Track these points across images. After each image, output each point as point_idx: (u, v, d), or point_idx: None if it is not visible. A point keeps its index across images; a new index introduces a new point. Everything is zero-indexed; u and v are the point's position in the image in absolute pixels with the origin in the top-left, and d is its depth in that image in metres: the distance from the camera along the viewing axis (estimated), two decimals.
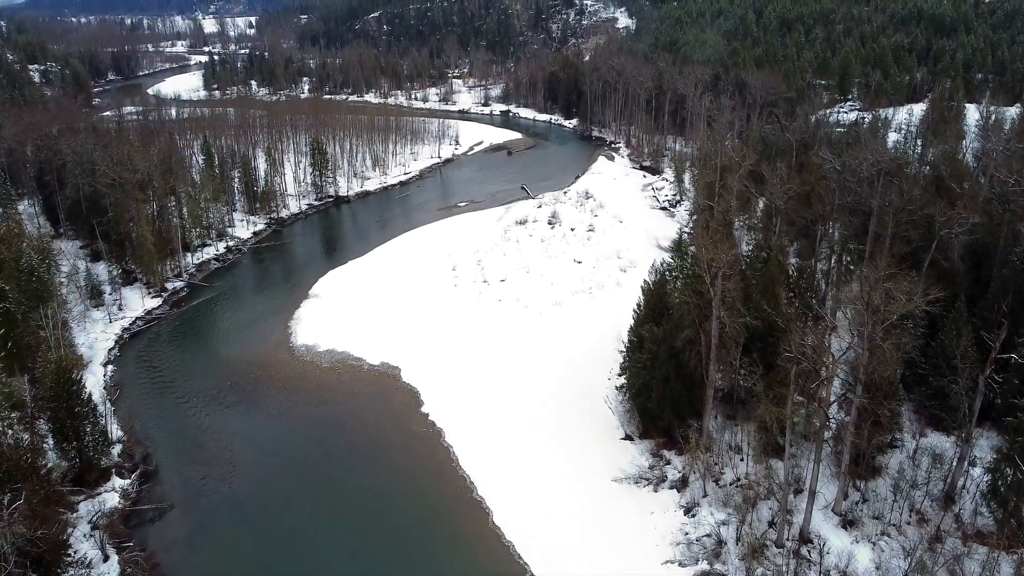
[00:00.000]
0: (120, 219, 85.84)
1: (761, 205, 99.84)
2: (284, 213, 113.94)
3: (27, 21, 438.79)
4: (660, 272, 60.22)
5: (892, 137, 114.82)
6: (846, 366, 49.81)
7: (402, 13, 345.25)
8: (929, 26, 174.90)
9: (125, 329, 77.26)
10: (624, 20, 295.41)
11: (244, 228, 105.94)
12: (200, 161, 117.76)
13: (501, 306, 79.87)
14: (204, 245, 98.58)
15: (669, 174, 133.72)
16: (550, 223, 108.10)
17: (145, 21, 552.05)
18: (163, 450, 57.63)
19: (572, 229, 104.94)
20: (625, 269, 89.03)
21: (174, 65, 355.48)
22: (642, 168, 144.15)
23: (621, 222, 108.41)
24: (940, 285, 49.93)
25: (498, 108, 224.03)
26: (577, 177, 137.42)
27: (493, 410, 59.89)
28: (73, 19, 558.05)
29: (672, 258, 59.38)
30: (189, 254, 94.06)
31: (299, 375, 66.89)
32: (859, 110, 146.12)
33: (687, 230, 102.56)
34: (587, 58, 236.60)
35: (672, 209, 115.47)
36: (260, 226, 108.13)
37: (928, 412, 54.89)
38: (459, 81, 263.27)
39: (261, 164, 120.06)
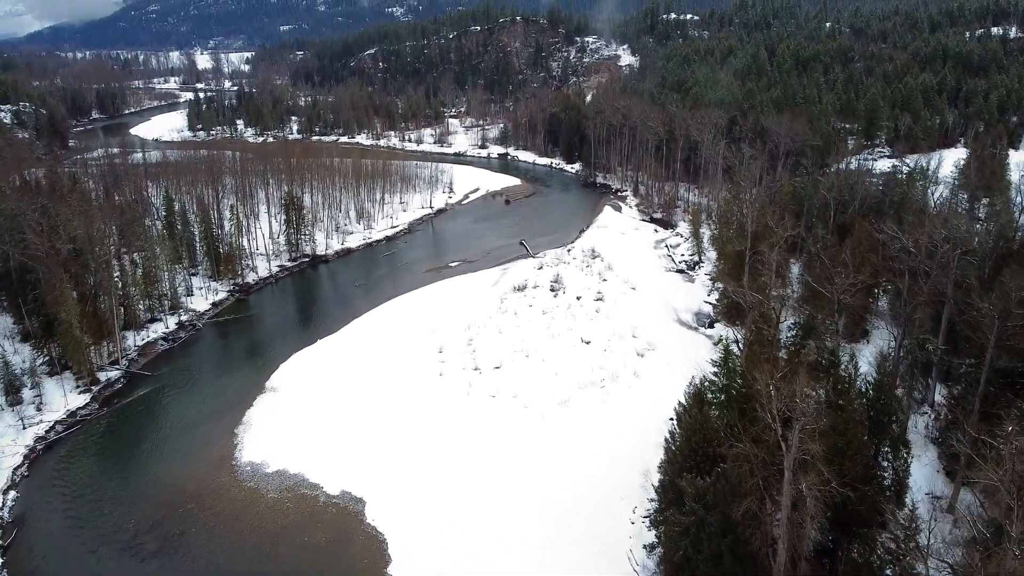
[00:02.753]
0: (47, 297, 72.52)
1: (796, 271, 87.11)
2: (251, 277, 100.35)
3: (17, 57, 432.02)
4: (698, 389, 46.76)
5: (938, 191, 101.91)
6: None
7: (398, 51, 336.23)
8: (957, 65, 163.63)
9: (40, 438, 63.39)
10: (627, 58, 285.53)
11: (203, 297, 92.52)
12: (162, 215, 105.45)
13: (495, 405, 66.09)
14: (153, 320, 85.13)
15: (684, 229, 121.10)
16: (552, 290, 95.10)
17: (141, 56, 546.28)
18: None
19: (578, 298, 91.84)
20: (642, 353, 75.51)
21: (162, 103, 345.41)
22: (653, 221, 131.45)
23: (634, 288, 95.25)
24: None
25: (496, 151, 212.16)
26: (582, 231, 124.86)
27: (480, 568, 45.96)
28: (68, 55, 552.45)
29: (716, 374, 45.66)
30: (133, 333, 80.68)
31: (238, 511, 52.87)
32: (889, 157, 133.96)
33: (711, 301, 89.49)
34: (589, 97, 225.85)
35: (691, 272, 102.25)
36: (222, 294, 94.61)
37: None
38: (455, 121, 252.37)
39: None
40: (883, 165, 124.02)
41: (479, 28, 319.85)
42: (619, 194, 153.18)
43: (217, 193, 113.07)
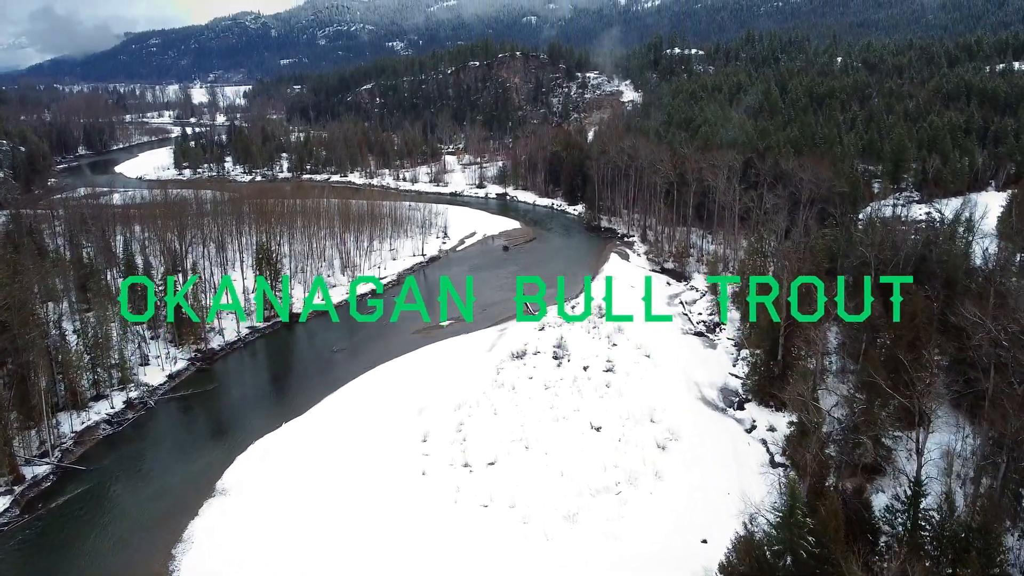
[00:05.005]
0: None
1: (834, 338, 76.25)
2: (217, 342, 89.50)
3: (13, 90, 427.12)
4: (751, 537, 35.70)
5: (983, 245, 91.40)
6: None
7: (395, 85, 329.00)
8: (982, 102, 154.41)
9: None
10: (630, 93, 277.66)
11: (159, 367, 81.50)
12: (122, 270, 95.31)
13: (488, 519, 54.65)
14: (99, 397, 74.10)
15: (699, 281, 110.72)
16: (556, 357, 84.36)
17: (137, 90, 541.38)
18: None
19: (585, 368, 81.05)
20: (663, 445, 64.31)
21: (153, 138, 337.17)
22: (664, 271, 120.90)
23: (648, 356, 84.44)
24: None
25: (494, 190, 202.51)
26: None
27: None
28: (66, 88, 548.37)
29: (775, 527, 34.50)
30: (71, 415, 69.57)
31: None
32: (919, 202, 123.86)
33: (739, 375, 78.45)
34: (591, 134, 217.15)
35: (711, 336, 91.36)
36: (181, 363, 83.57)
37: None
38: (452, 158, 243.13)
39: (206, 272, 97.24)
40: (915, 212, 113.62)
41: (478, 63, 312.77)
42: (626, 240, 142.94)
43: (182, 245, 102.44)
